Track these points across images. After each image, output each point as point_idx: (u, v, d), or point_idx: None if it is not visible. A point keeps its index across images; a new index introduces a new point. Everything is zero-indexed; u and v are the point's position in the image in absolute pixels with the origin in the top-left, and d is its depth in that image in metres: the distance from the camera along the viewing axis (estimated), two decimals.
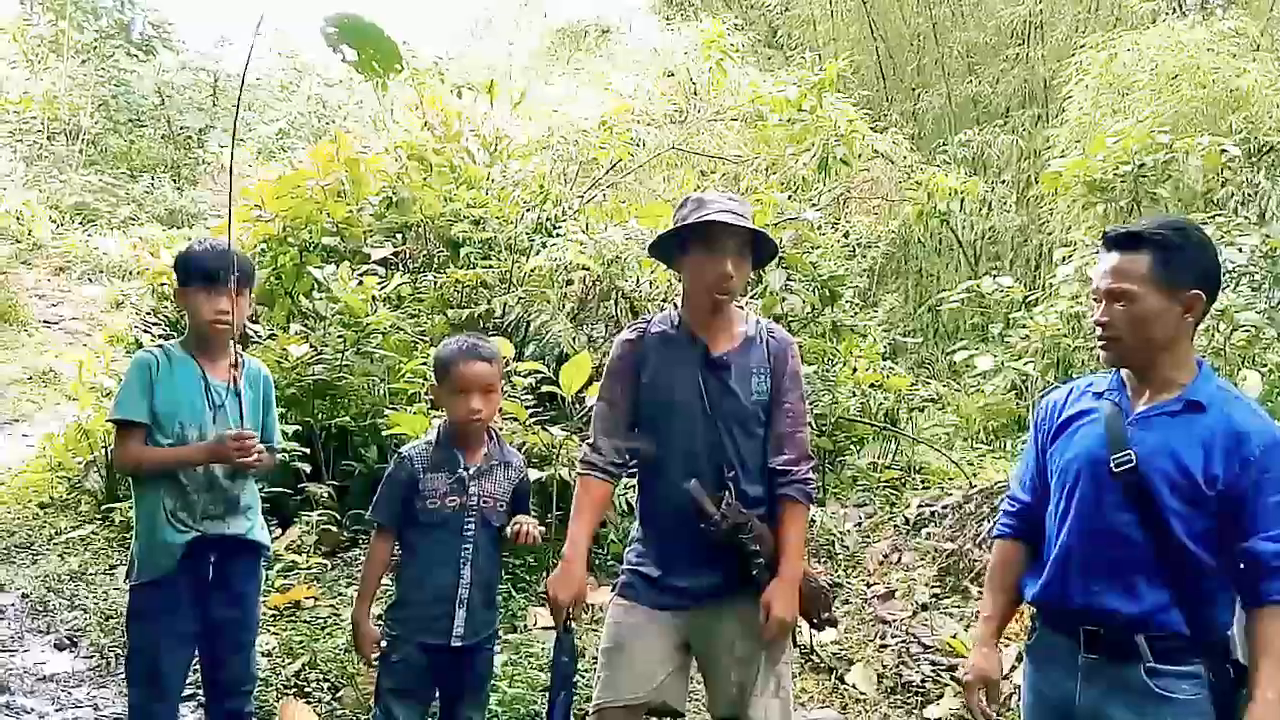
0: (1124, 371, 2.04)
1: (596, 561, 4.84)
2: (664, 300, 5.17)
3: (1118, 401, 2.01)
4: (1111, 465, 1.94)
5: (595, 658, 2.58)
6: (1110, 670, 1.94)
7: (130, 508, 4.99)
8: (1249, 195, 7.73)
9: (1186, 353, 1.98)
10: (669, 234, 2.50)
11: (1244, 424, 1.88)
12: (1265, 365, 5.88)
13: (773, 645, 2.43)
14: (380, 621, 2.69)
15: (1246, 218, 7.43)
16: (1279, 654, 1.82)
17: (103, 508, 5.48)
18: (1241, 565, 1.85)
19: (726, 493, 2.37)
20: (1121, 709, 1.91)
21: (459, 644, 2.56)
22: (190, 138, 17.46)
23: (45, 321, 10.87)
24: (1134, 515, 1.92)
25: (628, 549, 2.59)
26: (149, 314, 7.20)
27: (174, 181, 16.22)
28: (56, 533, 5.40)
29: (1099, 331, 2.00)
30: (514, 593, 4.36)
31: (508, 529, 2.60)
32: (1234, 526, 1.86)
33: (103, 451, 5.70)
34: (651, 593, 2.46)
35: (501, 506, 2.63)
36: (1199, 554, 1.88)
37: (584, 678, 3.57)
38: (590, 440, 2.55)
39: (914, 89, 11.52)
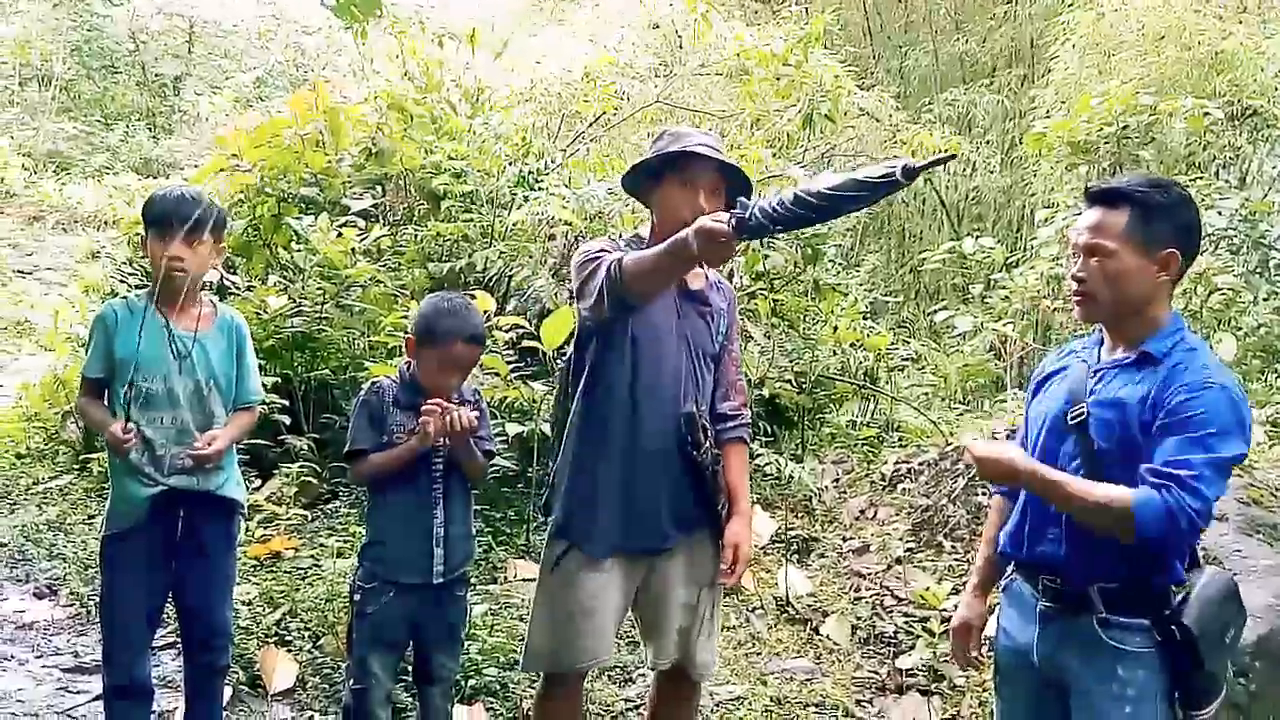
0: (1103, 328, 2.07)
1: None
2: None
3: (1087, 358, 2.06)
4: (1067, 418, 1.99)
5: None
6: (1065, 619, 1.99)
7: (107, 458, 5.01)
8: (1230, 159, 7.76)
9: (1162, 309, 1.99)
10: (643, 164, 2.46)
11: (1181, 371, 1.89)
12: (1240, 329, 5.95)
13: (717, 588, 2.45)
14: (358, 567, 2.70)
15: (1227, 181, 7.47)
16: (1087, 486, 1.87)
17: (80, 458, 5.46)
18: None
19: (706, 422, 2.38)
20: (1074, 658, 1.97)
21: (439, 580, 2.58)
22: (165, 85, 17.13)
23: (19, 271, 10.73)
24: (1082, 466, 1.96)
25: (569, 489, 2.42)
26: (125, 264, 7.11)
27: (149, 130, 15.94)
28: (34, 483, 5.38)
29: (1074, 286, 2.01)
30: (494, 545, 4.39)
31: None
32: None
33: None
34: (618, 534, 2.37)
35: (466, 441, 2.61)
36: None
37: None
38: (606, 268, 2.22)
39: (901, 46, 11.41)
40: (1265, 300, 6.15)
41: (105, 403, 2.69)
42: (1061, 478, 1.91)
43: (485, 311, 4.33)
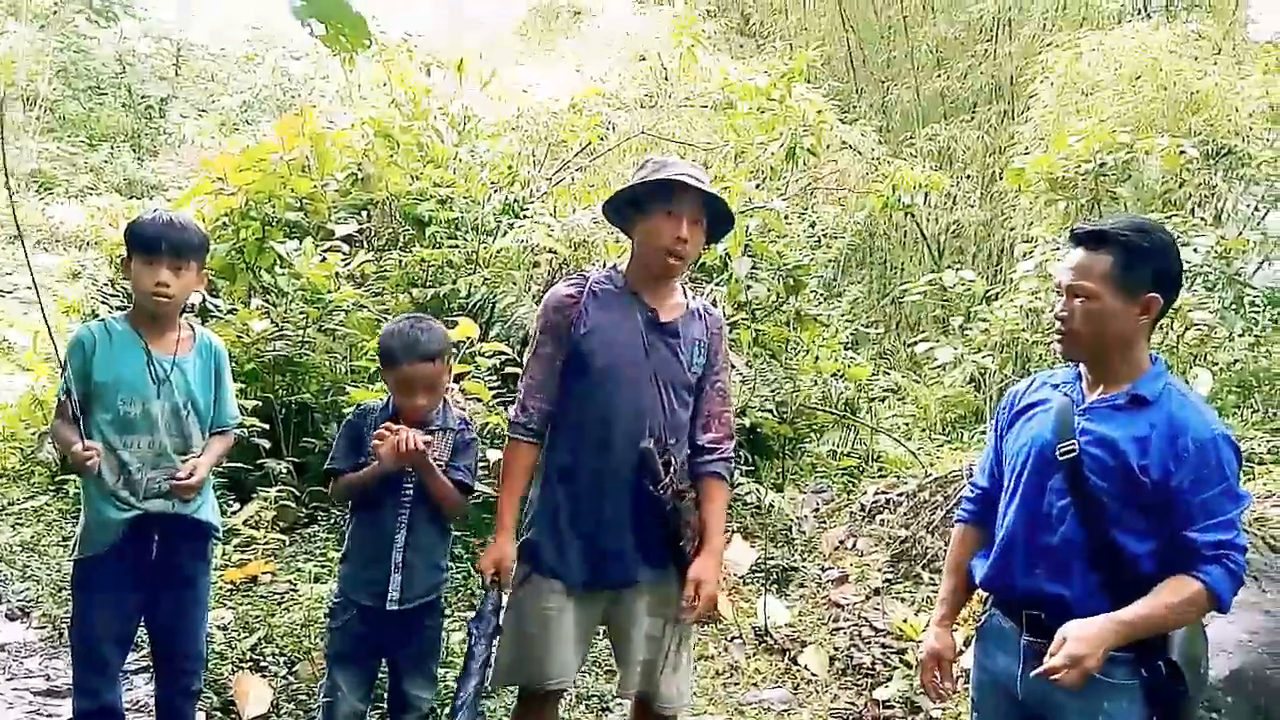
0: (1082, 366, 2.10)
1: None
2: None
3: (1070, 393, 2.08)
4: (1056, 453, 2.00)
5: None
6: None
7: (82, 480, 4.97)
8: (1206, 196, 7.89)
9: (1141, 350, 2.03)
10: (626, 191, 2.46)
11: (1182, 420, 1.94)
12: (1216, 364, 6.03)
13: (686, 622, 2.44)
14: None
15: (1203, 218, 7.59)
16: (1163, 601, 1.89)
17: (56, 479, 5.41)
18: (1176, 549, 1.92)
19: (671, 458, 2.37)
20: (1060, 691, 1.95)
21: (395, 607, 2.57)
22: (151, 107, 17.12)
23: None
24: (1071, 502, 1.98)
25: (538, 514, 2.47)
26: (106, 285, 7.08)
27: (134, 151, 15.89)
28: (9, 504, 5.32)
29: (1057, 325, 2.05)
30: (472, 571, 4.36)
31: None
32: (1168, 517, 1.92)
33: None
34: (578, 567, 2.40)
35: (440, 469, 2.61)
36: (1127, 544, 1.94)
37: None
38: (520, 400, 2.48)
39: (883, 82, 11.58)
40: (1240, 336, 6.24)
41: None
42: (1139, 612, 1.89)
43: (468, 338, 4.35)
